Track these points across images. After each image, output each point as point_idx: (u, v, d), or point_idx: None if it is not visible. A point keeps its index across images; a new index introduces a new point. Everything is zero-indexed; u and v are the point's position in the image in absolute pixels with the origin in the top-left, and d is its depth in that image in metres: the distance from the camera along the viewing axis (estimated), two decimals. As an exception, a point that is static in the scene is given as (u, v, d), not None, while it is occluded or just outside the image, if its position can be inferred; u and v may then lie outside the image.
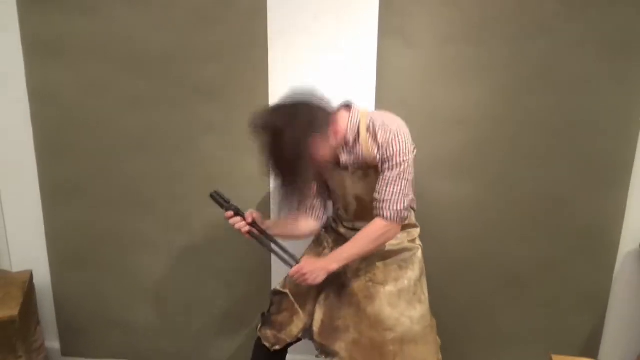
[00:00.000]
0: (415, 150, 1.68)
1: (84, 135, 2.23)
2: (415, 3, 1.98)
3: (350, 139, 1.65)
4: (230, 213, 1.71)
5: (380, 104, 2.08)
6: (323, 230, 1.93)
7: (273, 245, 1.73)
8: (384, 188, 1.61)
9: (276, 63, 2.07)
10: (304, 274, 1.62)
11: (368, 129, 1.64)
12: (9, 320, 2.03)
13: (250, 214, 1.73)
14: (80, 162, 2.26)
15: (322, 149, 1.58)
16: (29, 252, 2.38)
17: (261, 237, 1.73)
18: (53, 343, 2.52)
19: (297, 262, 1.68)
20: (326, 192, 1.87)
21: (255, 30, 2.06)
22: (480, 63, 2.01)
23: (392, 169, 1.61)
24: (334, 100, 1.70)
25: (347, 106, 1.71)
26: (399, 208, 1.62)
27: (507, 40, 1.98)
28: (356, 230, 1.72)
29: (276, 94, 2.04)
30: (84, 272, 2.42)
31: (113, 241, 2.37)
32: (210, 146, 2.20)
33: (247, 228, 1.71)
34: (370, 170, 1.67)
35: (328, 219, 1.95)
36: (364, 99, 2.07)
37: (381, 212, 1.63)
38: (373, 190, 1.66)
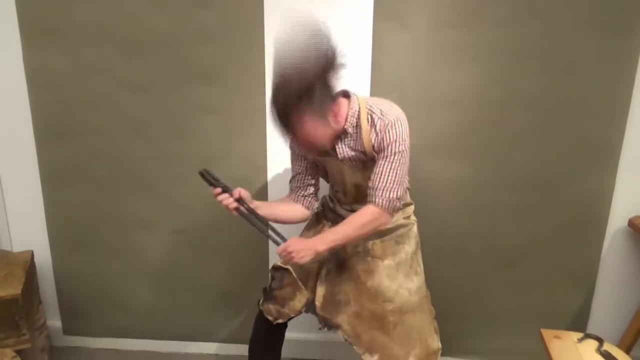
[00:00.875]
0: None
1: (83, 118, 2.25)
2: (409, -14, 2.00)
3: (350, 130, 1.65)
4: (218, 190, 1.68)
5: (375, 86, 2.10)
6: (321, 208, 1.96)
7: (261, 224, 1.70)
8: (379, 176, 1.62)
9: (272, 45, 2.04)
10: (290, 252, 1.60)
11: (368, 119, 1.63)
12: (13, 299, 2.07)
13: (238, 191, 1.68)
14: (79, 144, 2.28)
15: (322, 129, 1.57)
16: (30, 233, 2.41)
17: (249, 215, 1.69)
18: (54, 322, 2.56)
19: (285, 241, 1.65)
20: (318, 178, 1.88)
21: (251, 13, 2.07)
22: (473, 46, 2.04)
23: (388, 158, 1.61)
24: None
25: (345, 94, 1.69)
26: (391, 197, 1.62)
27: (500, 23, 2.01)
28: (354, 211, 1.72)
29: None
30: (84, 253, 2.45)
31: (113, 222, 2.39)
32: (208, 128, 2.22)
33: (235, 204, 1.66)
34: (369, 162, 1.68)
35: (324, 197, 1.98)
36: (359, 81, 2.10)
37: (374, 199, 1.63)
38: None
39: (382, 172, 1.62)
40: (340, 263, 1.82)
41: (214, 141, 2.24)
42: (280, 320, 1.86)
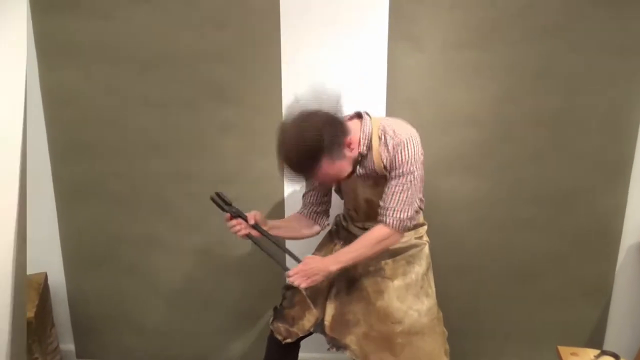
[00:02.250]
0: (422, 156, 1.68)
1: (99, 136, 2.24)
2: (423, 9, 2.05)
3: (364, 150, 1.66)
4: (228, 216, 1.71)
5: (391, 105, 2.13)
6: (335, 227, 1.98)
7: (272, 247, 1.73)
8: (390, 196, 1.64)
9: (289, 65, 2.12)
10: (305, 272, 1.64)
11: (380, 138, 1.64)
12: (25, 322, 2.02)
13: (253, 215, 1.71)
14: (95, 163, 2.27)
15: (339, 165, 1.60)
16: (44, 254, 2.38)
17: (259, 240, 1.72)
18: (68, 345, 2.52)
19: (299, 261, 1.69)
20: (330, 194, 1.91)
21: (268, 33, 2.09)
22: (485, 65, 2.08)
23: (399, 178, 1.62)
24: (346, 103, 1.70)
25: (359, 115, 1.72)
26: (402, 217, 1.64)
27: (510, 44, 2.05)
28: (366, 229, 1.73)
29: (289, 95, 2.12)
30: (99, 273, 2.42)
31: (127, 242, 2.37)
32: (225, 146, 2.23)
33: (244, 232, 1.71)
34: (381, 179, 1.69)
35: (338, 216, 2.00)
36: (375, 100, 2.13)
37: (384, 219, 1.65)
38: (382, 194, 1.68)
39: (393, 193, 1.63)
40: (350, 282, 1.82)
41: (230, 159, 2.24)
42: (289, 340, 1.86)
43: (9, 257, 2.13)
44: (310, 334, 1.87)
